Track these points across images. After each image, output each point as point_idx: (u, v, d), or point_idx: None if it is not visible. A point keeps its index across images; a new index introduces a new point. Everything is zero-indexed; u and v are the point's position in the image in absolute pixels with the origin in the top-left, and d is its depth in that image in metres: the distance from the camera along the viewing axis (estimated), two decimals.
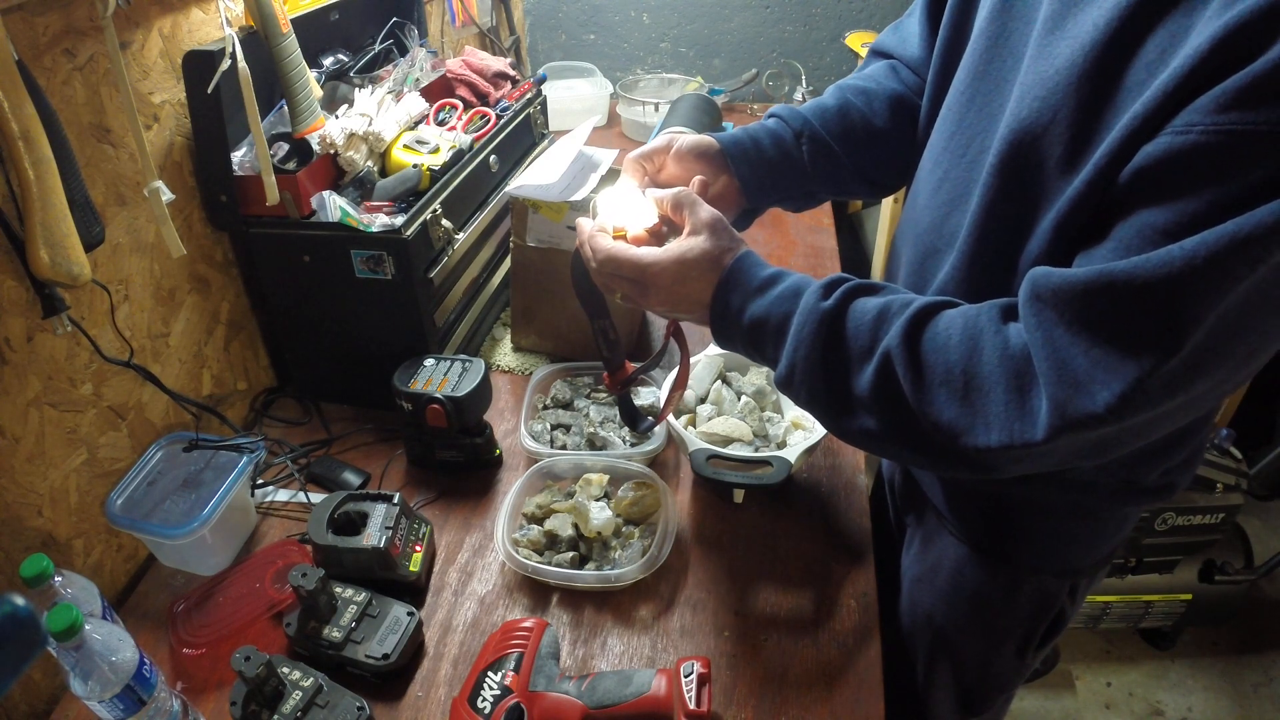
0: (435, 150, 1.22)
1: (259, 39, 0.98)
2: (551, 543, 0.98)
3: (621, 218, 0.79)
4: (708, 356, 1.13)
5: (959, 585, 0.94)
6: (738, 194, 0.88)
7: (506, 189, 1.30)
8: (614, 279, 0.77)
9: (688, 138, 0.86)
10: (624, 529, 0.99)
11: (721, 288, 0.72)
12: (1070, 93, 0.60)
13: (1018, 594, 0.91)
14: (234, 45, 0.94)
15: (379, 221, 1.07)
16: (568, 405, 1.17)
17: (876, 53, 1.03)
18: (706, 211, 0.75)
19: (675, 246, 0.74)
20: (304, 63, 1.02)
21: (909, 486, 1.02)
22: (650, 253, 0.74)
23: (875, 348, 0.65)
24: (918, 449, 0.66)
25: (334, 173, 1.14)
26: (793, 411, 1.08)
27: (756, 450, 1.03)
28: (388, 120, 1.19)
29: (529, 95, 1.48)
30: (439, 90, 1.39)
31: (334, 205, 1.07)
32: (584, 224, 0.81)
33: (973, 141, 0.72)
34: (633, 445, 1.09)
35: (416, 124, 1.28)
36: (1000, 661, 0.99)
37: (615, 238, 0.78)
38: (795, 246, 1.61)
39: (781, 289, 0.71)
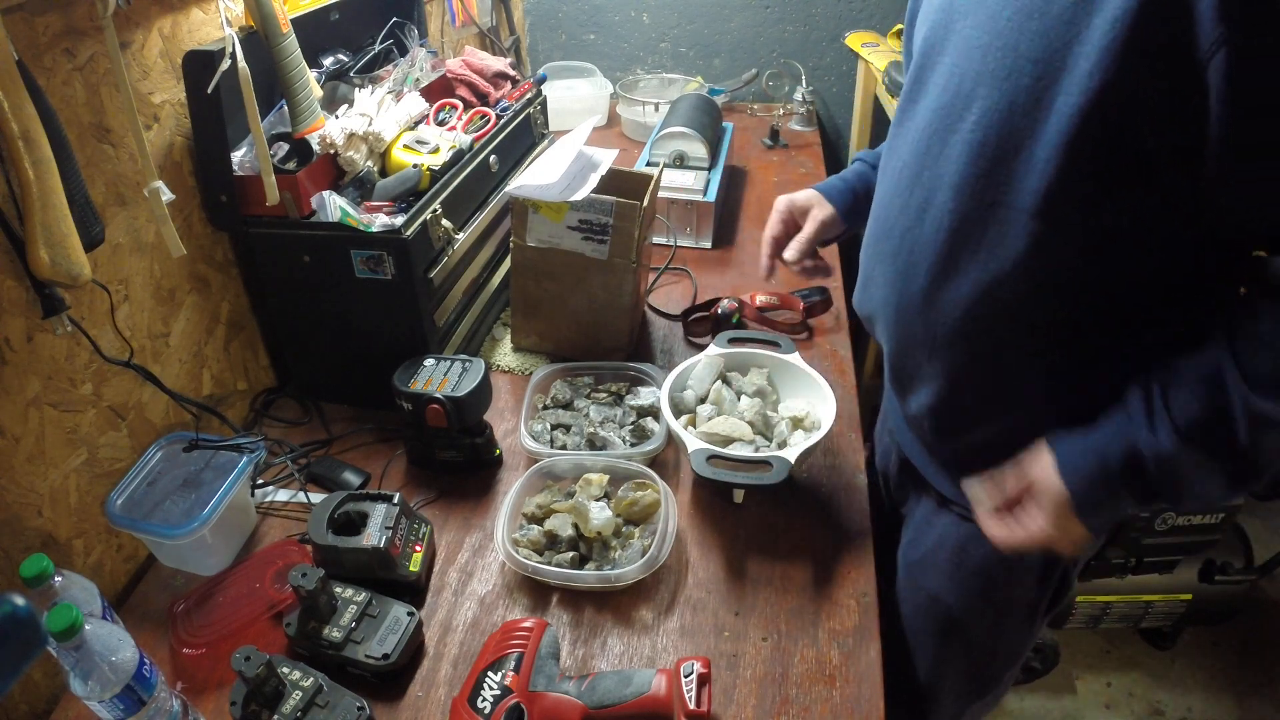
0: (435, 150, 1.22)
1: (259, 39, 0.98)
2: (551, 543, 0.98)
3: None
4: (708, 357, 1.13)
5: (962, 562, 0.95)
6: (838, 219, 1.06)
7: (506, 189, 1.30)
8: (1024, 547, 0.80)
9: (803, 194, 1.09)
10: (624, 529, 0.99)
11: (1083, 514, 0.74)
12: (1022, 26, 0.66)
13: (1024, 561, 0.92)
14: (234, 45, 0.94)
15: (379, 221, 1.07)
16: (568, 405, 1.17)
17: None
18: (1020, 479, 0.78)
19: (1039, 520, 0.76)
20: (304, 63, 1.02)
21: (906, 474, 1.05)
22: (1032, 534, 0.77)
23: (1232, 414, 0.66)
24: None
25: (334, 173, 1.14)
26: (793, 411, 1.08)
27: (757, 450, 1.03)
28: (388, 120, 1.19)
29: (529, 95, 1.48)
30: (439, 90, 1.39)
31: (334, 205, 1.07)
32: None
33: (935, 116, 0.77)
34: (632, 445, 1.10)
35: (416, 124, 1.28)
36: (1010, 632, 1.01)
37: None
38: None
39: (1109, 472, 0.72)
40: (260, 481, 1.07)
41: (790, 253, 1.06)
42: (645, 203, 1.19)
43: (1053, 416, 0.77)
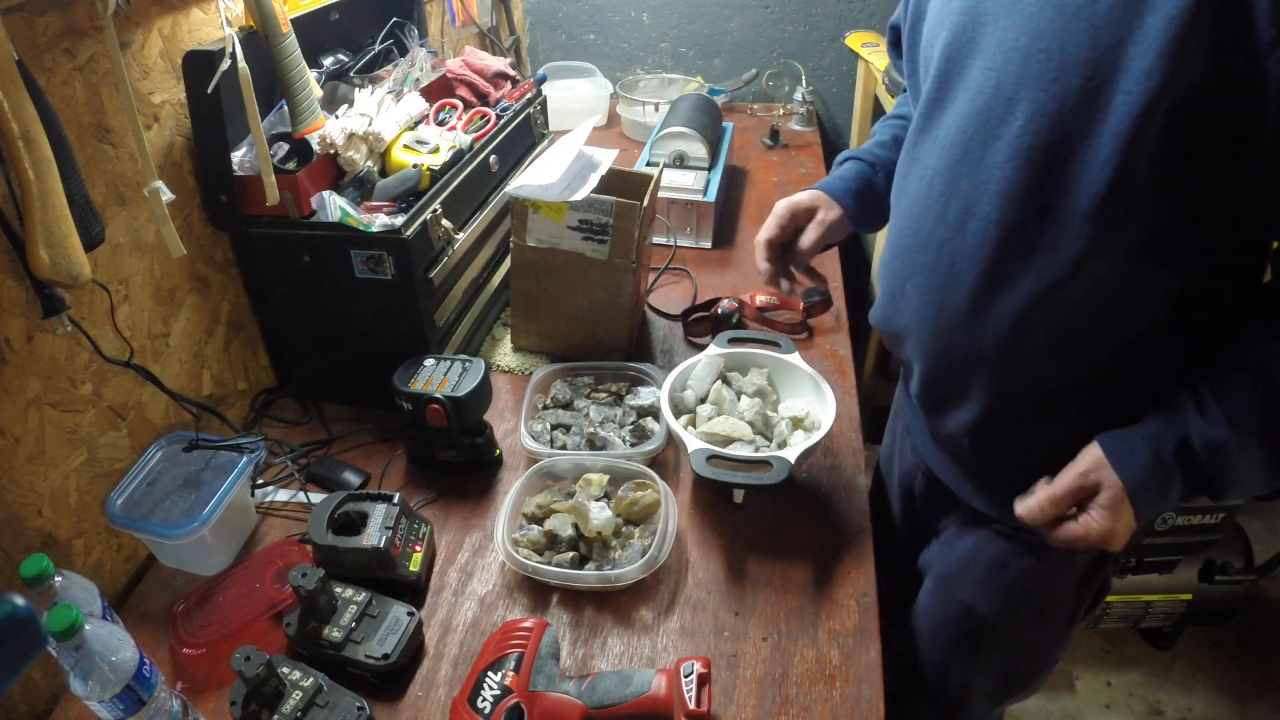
0: (435, 150, 1.22)
1: (259, 39, 0.98)
2: (551, 543, 0.98)
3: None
4: (708, 357, 1.13)
5: (1001, 575, 0.94)
6: (845, 222, 1.02)
7: (506, 189, 1.30)
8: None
9: (805, 195, 1.03)
10: (624, 529, 0.99)
11: (1138, 506, 0.75)
12: (1067, 27, 0.64)
13: (1067, 572, 0.92)
14: (234, 45, 0.94)
15: (379, 221, 1.07)
16: (568, 405, 1.17)
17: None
18: (1082, 467, 0.77)
19: (1099, 516, 0.76)
20: (304, 63, 1.02)
21: (936, 492, 1.01)
22: (1090, 531, 0.77)
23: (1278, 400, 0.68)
24: None
25: (334, 173, 1.14)
26: (793, 411, 1.08)
27: (757, 450, 1.02)
28: (388, 120, 1.19)
29: (529, 95, 1.48)
30: (439, 90, 1.39)
31: (334, 205, 1.07)
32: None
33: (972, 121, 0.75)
34: (632, 445, 1.10)
35: (416, 124, 1.28)
36: (1048, 637, 1.01)
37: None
38: None
39: (1163, 461, 0.72)
40: (260, 481, 1.07)
41: (802, 257, 1.02)
42: (645, 203, 1.19)
43: (1094, 428, 0.77)
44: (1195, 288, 0.72)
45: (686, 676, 0.77)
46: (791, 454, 0.95)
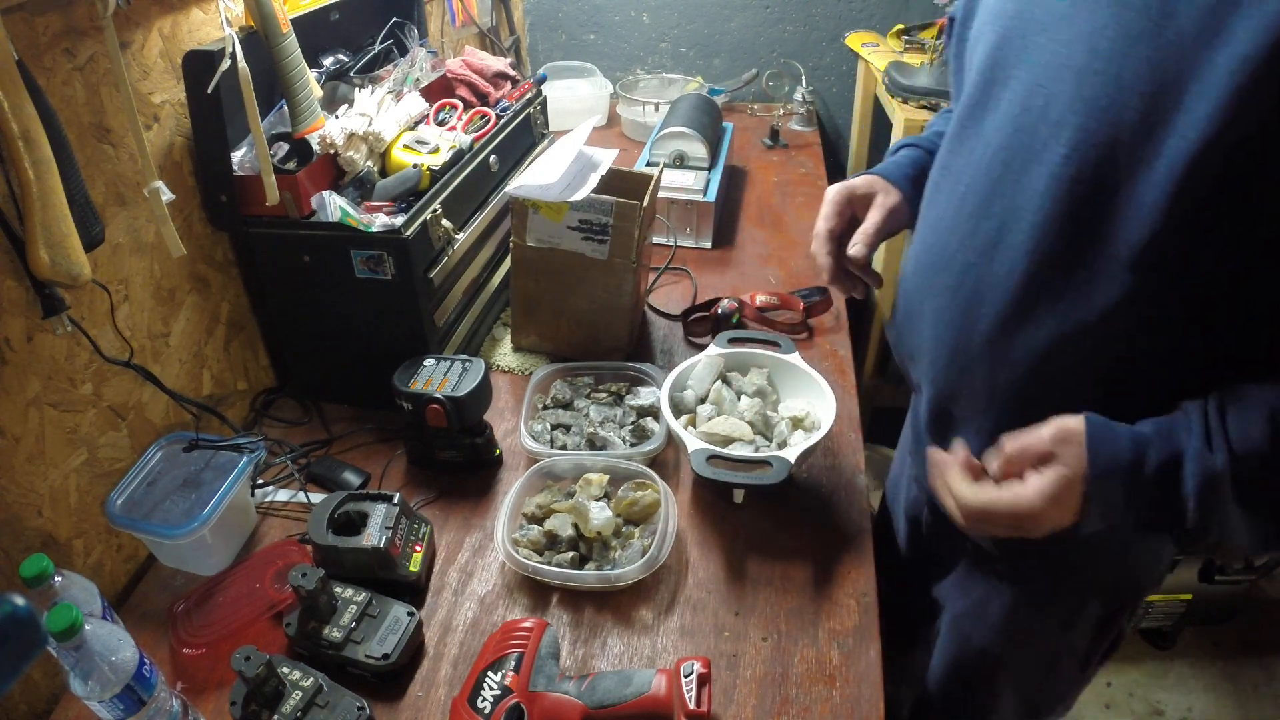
0: (435, 150, 1.22)
1: (259, 39, 0.98)
2: (551, 543, 0.98)
3: None
4: (708, 357, 1.13)
5: (1013, 622, 0.91)
6: (905, 207, 0.92)
7: (506, 189, 1.30)
8: (983, 526, 0.71)
9: (862, 180, 0.94)
10: (624, 529, 0.99)
11: (1091, 506, 0.65)
12: (1127, 52, 0.58)
13: (1078, 622, 0.89)
14: (234, 45, 0.94)
15: (379, 221, 1.07)
16: (568, 405, 1.17)
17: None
18: (1049, 433, 0.67)
19: (1038, 484, 0.66)
20: (304, 63, 1.02)
21: (941, 525, 0.94)
22: (1019, 497, 0.67)
23: None
24: None
25: (334, 173, 1.14)
26: (793, 411, 1.08)
27: (757, 450, 1.02)
28: (388, 120, 1.19)
29: (529, 95, 1.48)
30: (439, 90, 1.39)
31: (334, 205, 1.07)
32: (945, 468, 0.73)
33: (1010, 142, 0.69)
34: (632, 445, 1.09)
35: (416, 124, 1.28)
36: (1063, 679, 0.98)
37: None
38: (795, 246, 1.61)
39: (1148, 466, 0.62)
40: (260, 481, 1.07)
41: (857, 248, 0.90)
42: (645, 203, 1.19)
43: None
44: (1234, 340, 0.66)
45: (686, 676, 0.77)
46: (791, 454, 0.95)
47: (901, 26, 1.95)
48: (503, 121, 1.37)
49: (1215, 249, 0.61)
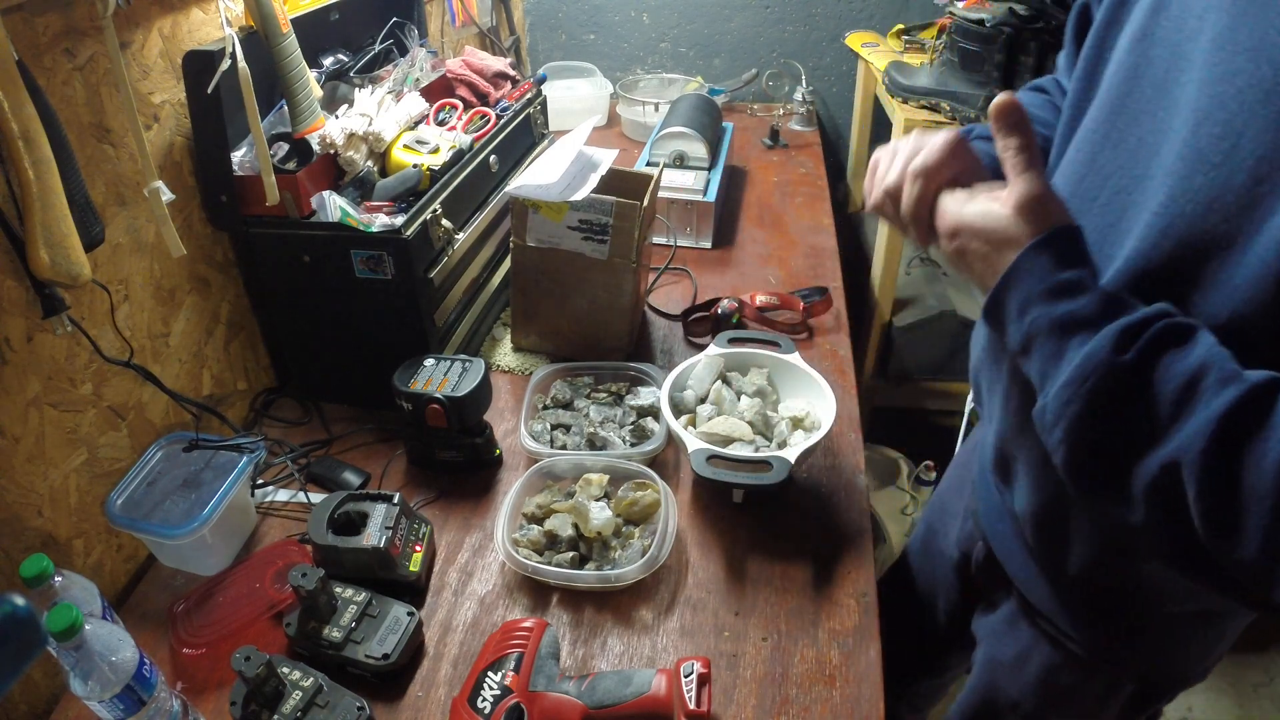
0: (435, 150, 1.22)
1: (259, 39, 0.98)
2: (551, 543, 0.98)
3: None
4: (708, 357, 1.13)
5: (1050, 682, 0.88)
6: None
7: (506, 189, 1.30)
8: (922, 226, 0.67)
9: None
10: (624, 529, 0.99)
11: (1008, 279, 0.61)
12: (1258, 108, 0.52)
13: (1117, 695, 0.87)
14: (234, 45, 0.94)
15: (379, 221, 1.07)
16: (568, 405, 1.17)
17: (1031, 88, 0.92)
18: (1028, 184, 0.61)
19: (981, 207, 0.62)
20: (304, 63, 1.02)
21: (993, 568, 0.91)
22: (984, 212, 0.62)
23: (1168, 439, 0.53)
24: (1185, 566, 0.57)
25: (334, 173, 1.14)
26: (793, 411, 1.08)
27: (757, 450, 1.02)
28: (388, 120, 1.19)
29: (529, 95, 1.48)
30: (439, 90, 1.39)
31: (334, 205, 1.07)
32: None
33: (1108, 181, 0.64)
34: (632, 445, 1.10)
35: (416, 124, 1.28)
36: None
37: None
38: (796, 246, 1.61)
39: (1076, 307, 0.58)
40: (260, 481, 1.07)
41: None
42: (645, 203, 1.19)
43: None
44: None
45: (686, 676, 0.77)
46: (791, 454, 0.95)
47: (901, 26, 1.95)
48: (503, 121, 1.37)
49: None
